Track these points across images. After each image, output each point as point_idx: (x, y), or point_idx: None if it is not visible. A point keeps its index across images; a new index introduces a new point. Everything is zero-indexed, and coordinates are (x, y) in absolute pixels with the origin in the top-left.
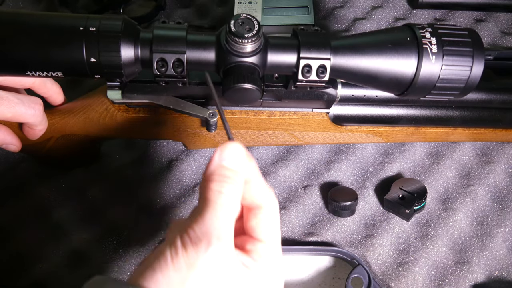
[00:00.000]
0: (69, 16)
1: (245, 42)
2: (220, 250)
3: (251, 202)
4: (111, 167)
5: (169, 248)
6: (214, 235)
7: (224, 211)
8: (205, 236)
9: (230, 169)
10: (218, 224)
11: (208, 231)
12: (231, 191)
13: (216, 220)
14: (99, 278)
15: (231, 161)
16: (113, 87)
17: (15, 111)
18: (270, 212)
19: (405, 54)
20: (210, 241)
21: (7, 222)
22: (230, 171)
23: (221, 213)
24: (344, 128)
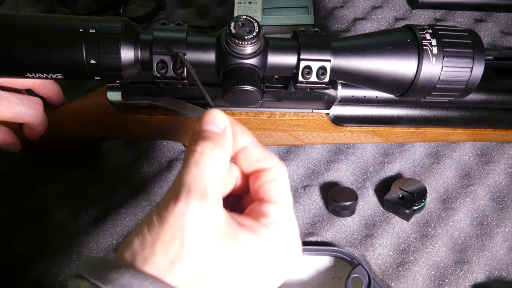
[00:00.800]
0: (69, 18)
1: (245, 43)
2: (191, 204)
3: (255, 167)
4: (111, 167)
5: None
6: (185, 190)
7: (201, 167)
8: (175, 193)
9: (210, 131)
10: (190, 179)
11: (178, 188)
12: (210, 147)
13: (189, 175)
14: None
15: (212, 125)
16: (113, 88)
17: (15, 111)
18: (278, 171)
19: (405, 55)
20: (179, 196)
21: (7, 222)
22: (210, 132)
23: (196, 169)
24: (344, 129)
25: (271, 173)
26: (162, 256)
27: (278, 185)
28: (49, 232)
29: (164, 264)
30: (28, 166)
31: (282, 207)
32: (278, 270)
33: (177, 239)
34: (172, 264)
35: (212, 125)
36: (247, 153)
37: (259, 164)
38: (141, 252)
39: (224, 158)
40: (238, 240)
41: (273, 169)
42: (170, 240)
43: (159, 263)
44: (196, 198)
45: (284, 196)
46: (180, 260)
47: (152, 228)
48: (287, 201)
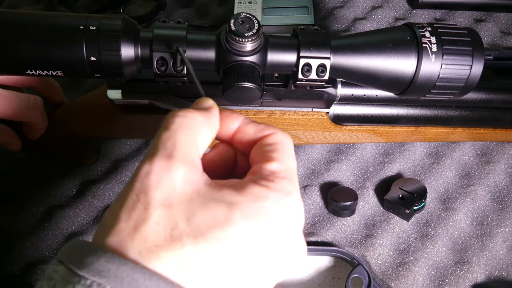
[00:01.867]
0: (69, 15)
1: (245, 41)
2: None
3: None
4: (111, 167)
5: None
6: (149, 153)
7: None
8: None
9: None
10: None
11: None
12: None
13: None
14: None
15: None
16: (113, 86)
17: (16, 109)
18: (279, 136)
19: (405, 53)
20: (144, 160)
21: (7, 222)
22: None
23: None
24: (344, 128)
25: (270, 138)
26: (125, 222)
27: (277, 146)
28: (49, 232)
29: (127, 229)
30: (28, 166)
31: (278, 165)
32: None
33: (141, 202)
34: (135, 228)
35: (195, 105)
36: (242, 131)
37: (258, 135)
38: (107, 223)
39: (201, 122)
40: (218, 200)
41: (272, 135)
42: (134, 204)
43: (122, 229)
44: (161, 158)
45: (282, 156)
46: (144, 224)
47: (119, 197)
48: (286, 161)
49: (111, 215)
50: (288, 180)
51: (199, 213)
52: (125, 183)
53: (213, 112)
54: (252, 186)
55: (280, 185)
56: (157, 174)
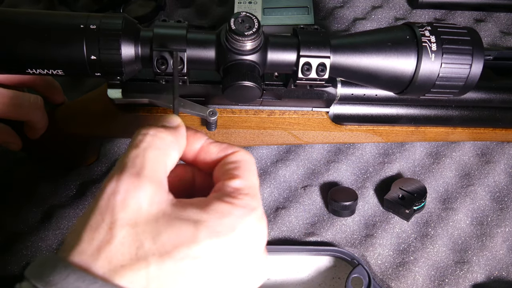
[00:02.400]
0: (69, 14)
1: (245, 40)
2: (122, 183)
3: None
4: (111, 167)
5: None
6: (117, 170)
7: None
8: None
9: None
10: (125, 160)
11: (113, 170)
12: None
13: (124, 158)
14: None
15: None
16: (113, 86)
17: (16, 109)
18: (241, 155)
19: (404, 52)
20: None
21: (8, 222)
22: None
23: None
24: (344, 127)
25: (232, 157)
26: (88, 243)
27: (239, 164)
28: (49, 232)
29: (90, 250)
30: (28, 166)
31: (241, 182)
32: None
33: (105, 222)
34: (99, 249)
35: (164, 122)
36: (205, 151)
37: (221, 155)
38: (70, 242)
39: (170, 142)
40: (183, 219)
41: (235, 153)
42: (98, 223)
43: (84, 250)
44: (128, 175)
45: (244, 173)
46: (108, 244)
47: (83, 215)
48: (249, 178)
49: (74, 233)
50: (251, 197)
51: (164, 232)
52: None
53: (181, 131)
54: (216, 203)
55: (244, 202)
56: (124, 192)
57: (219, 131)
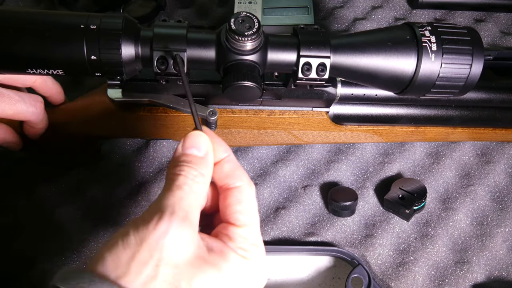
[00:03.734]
0: (70, 14)
1: (245, 40)
2: (173, 225)
3: (224, 183)
4: (111, 167)
5: (121, 229)
6: (168, 210)
7: (182, 190)
8: (158, 211)
9: (193, 155)
10: (174, 200)
11: (161, 208)
12: (193, 173)
13: (173, 197)
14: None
15: (195, 149)
16: (113, 85)
17: (16, 108)
18: (245, 191)
19: (404, 52)
20: (162, 216)
21: (8, 222)
22: (193, 157)
23: (180, 192)
24: (344, 127)
25: (238, 193)
26: (136, 275)
27: (244, 206)
28: (49, 232)
29: (138, 284)
30: (28, 166)
31: (247, 230)
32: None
33: (153, 259)
34: (145, 284)
35: (195, 149)
36: (220, 166)
37: (228, 181)
38: (114, 269)
39: (204, 184)
40: (209, 263)
41: (239, 188)
42: (146, 260)
43: (132, 282)
44: (179, 219)
45: (250, 219)
46: (153, 281)
47: (128, 244)
48: (253, 223)
49: (117, 259)
50: (256, 242)
51: (197, 274)
52: (124, 183)
53: (209, 161)
54: (233, 255)
55: (253, 254)
56: (173, 235)
57: (219, 131)
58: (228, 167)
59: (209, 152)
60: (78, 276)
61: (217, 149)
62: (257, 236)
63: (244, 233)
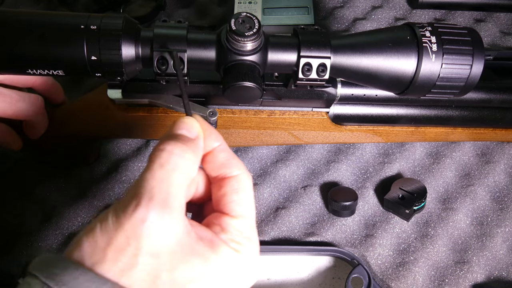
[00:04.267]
0: (70, 15)
1: (246, 40)
2: (151, 212)
3: (219, 173)
4: (111, 167)
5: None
6: (146, 195)
7: (166, 170)
8: (136, 196)
9: (183, 135)
10: (154, 183)
11: (140, 191)
12: (180, 149)
13: (153, 179)
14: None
15: (185, 130)
16: (113, 86)
17: (17, 108)
18: (243, 181)
19: (405, 53)
20: (139, 202)
21: (8, 222)
22: (182, 136)
23: (161, 172)
24: (344, 128)
25: (235, 182)
26: (113, 262)
27: (241, 196)
28: (49, 232)
29: (115, 272)
30: (28, 166)
31: (242, 222)
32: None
33: (131, 247)
34: (122, 272)
35: (185, 130)
36: (213, 156)
37: (224, 170)
38: (91, 254)
39: (192, 163)
40: (196, 254)
41: (237, 177)
42: (123, 246)
43: (108, 269)
44: (157, 205)
45: (246, 210)
46: (131, 270)
47: (106, 229)
48: (249, 215)
49: (94, 244)
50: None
51: (180, 265)
52: (125, 183)
53: (200, 143)
54: (223, 247)
55: (246, 248)
56: (152, 222)
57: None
58: (222, 156)
59: (200, 136)
60: (53, 262)
61: (208, 137)
62: (252, 229)
63: (239, 225)
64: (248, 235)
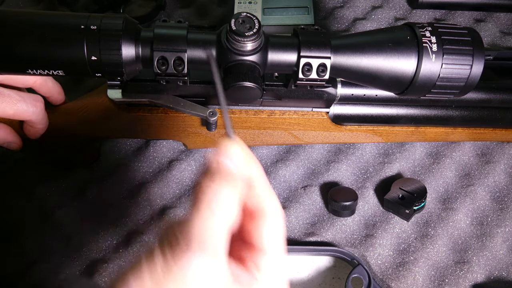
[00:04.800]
0: (70, 15)
1: (246, 40)
2: (202, 258)
3: (253, 207)
4: (111, 167)
5: (146, 253)
6: (196, 240)
7: (215, 213)
8: (186, 239)
9: (228, 169)
10: (204, 227)
11: (190, 235)
12: (227, 191)
13: (202, 223)
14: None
15: (231, 161)
16: (114, 86)
17: (17, 108)
18: (275, 218)
19: (405, 53)
20: (190, 246)
21: (7, 222)
22: (228, 171)
23: (210, 215)
24: (344, 128)
25: (269, 218)
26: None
27: (274, 232)
28: (49, 232)
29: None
30: (28, 166)
31: (274, 258)
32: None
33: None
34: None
35: (229, 160)
36: (250, 182)
37: (258, 202)
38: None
39: (237, 203)
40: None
41: (271, 214)
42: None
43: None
44: (206, 251)
45: (277, 246)
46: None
47: (155, 275)
48: (280, 251)
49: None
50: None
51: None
52: (125, 183)
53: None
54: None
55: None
56: (201, 268)
57: (219, 131)
58: (260, 186)
59: (244, 164)
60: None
61: (248, 163)
62: (282, 265)
63: (271, 261)
64: (279, 270)
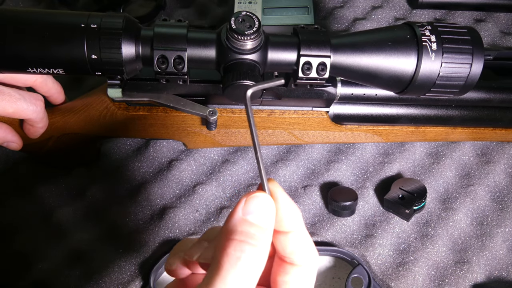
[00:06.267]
0: (70, 14)
1: (246, 39)
2: None
3: (287, 256)
4: (111, 167)
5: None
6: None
7: (237, 281)
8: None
9: (255, 225)
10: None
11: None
12: (252, 254)
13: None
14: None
15: (258, 215)
16: (114, 85)
17: (17, 106)
18: (308, 272)
19: (405, 52)
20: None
21: (7, 222)
22: (254, 228)
23: (234, 282)
24: (344, 127)
25: (302, 272)
26: None
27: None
28: (49, 232)
29: None
30: (28, 166)
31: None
32: None
33: None
34: None
35: (257, 218)
36: (287, 239)
37: (293, 256)
38: None
39: (262, 266)
40: None
41: (305, 268)
42: None
43: None
44: None
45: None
46: None
47: None
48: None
49: None
50: None
51: None
52: (125, 183)
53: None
54: None
55: None
56: None
57: (219, 130)
58: (298, 242)
59: (272, 222)
60: None
61: (287, 217)
62: None
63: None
64: None
